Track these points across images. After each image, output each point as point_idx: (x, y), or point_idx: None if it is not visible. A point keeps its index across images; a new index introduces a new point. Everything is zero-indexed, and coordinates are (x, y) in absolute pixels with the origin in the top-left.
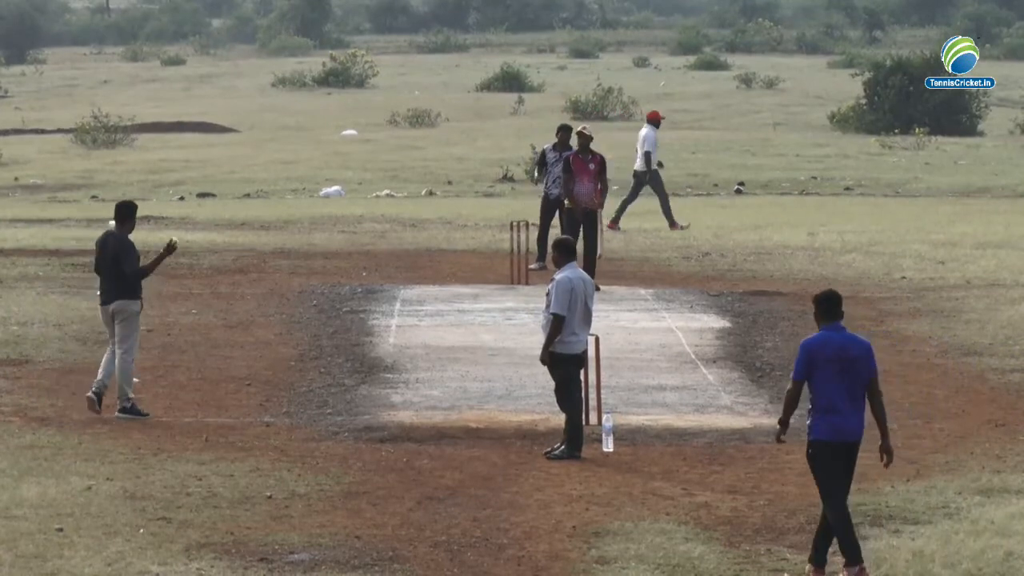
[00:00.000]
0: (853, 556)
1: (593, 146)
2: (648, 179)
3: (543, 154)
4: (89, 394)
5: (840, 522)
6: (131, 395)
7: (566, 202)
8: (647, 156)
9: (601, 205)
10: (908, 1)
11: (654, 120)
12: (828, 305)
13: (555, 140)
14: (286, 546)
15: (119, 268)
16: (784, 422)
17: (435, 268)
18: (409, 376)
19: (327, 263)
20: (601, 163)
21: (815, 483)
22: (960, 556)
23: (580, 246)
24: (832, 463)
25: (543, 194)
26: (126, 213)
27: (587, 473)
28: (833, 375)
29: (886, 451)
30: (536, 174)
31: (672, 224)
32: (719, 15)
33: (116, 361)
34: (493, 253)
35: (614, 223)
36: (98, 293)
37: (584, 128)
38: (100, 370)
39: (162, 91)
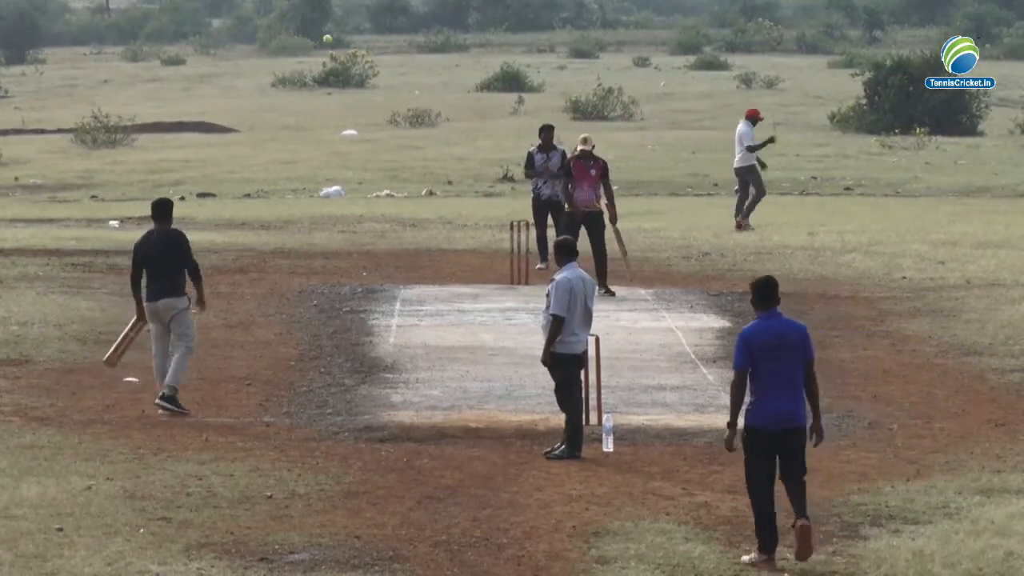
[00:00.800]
0: (768, 545)
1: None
2: (746, 172)
3: (530, 156)
4: (158, 401)
5: (759, 508)
6: (177, 388)
7: (566, 206)
8: (748, 151)
9: (614, 218)
10: (908, 1)
11: (752, 117)
12: (764, 292)
13: (539, 142)
14: (286, 546)
15: (175, 263)
16: (733, 423)
17: (435, 268)
18: (409, 376)
19: (327, 263)
20: (603, 168)
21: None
22: (960, 556)
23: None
24: (766, 449)
25: (533, 195)
26: (165, 210)
27: (587, 473)
28: (771, 362)
29: (817, 432)
30: (529, 172)
31: (740, 224)
32: (719, 15)
33: (175, 354)
34: (493, 253)
35: (743, 222)
36: (144, 290)
37: (586, 138)
38: (156, 374)
39: (162, 91)
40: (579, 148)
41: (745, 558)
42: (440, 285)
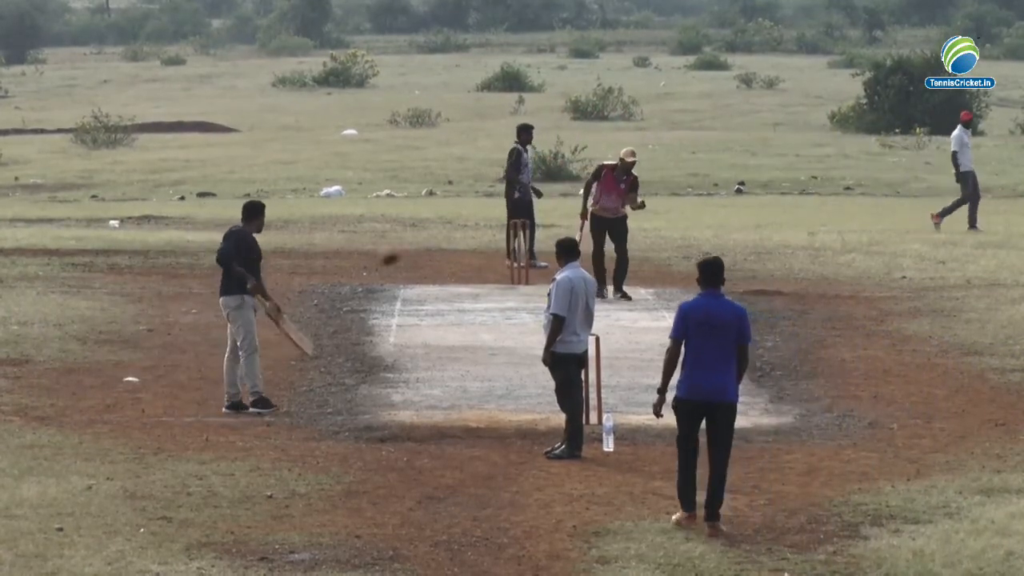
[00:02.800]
0: (687, 504)
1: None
2: (962, 177)
3: (519, 154)
4: (224, 409)
5: (683, 466)
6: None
7: (589, 207)
8: (953, 156)
9: (637, 203)
10: (908, 1)
11: (965, 121)
12: (708, 272)
13: (521, 139)
14: (286, 545)
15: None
16: (662, 390)
17: (435, 268)
18: (409, 376)
19: (327, 263)
20: (633, 183)
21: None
22: (960, 556)
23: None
24: (692, 419)
25: (518, 194)
26: (251, 211)
27: (587, 472)
28: (703, 337)
29: (739, 380)
30: (513, 173)
31: (955, 220)
32: (719, 15)
33: (241, 363)
34: (493, 253)
35: (972, 224)
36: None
37: (633, 152)
38: (225, 378)
39: (162, 91)
40: (622, 159)
41: (673, 518)
42: (440, 285)
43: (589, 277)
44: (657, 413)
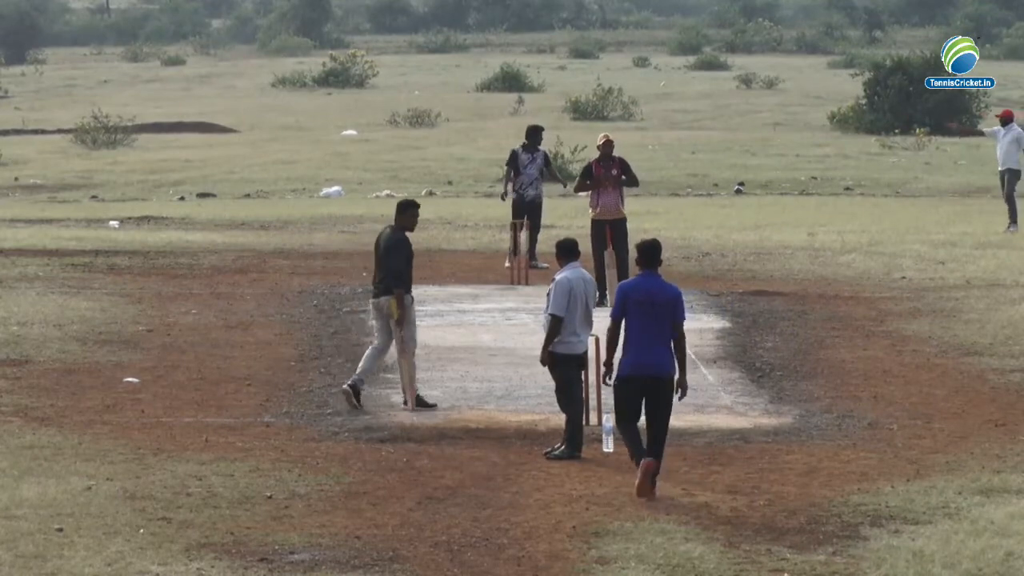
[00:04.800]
0: (638, 450)
1: (594, 148)
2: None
3: (514, 154)
4: (345, 386)
5: (627, 436)
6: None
7: (591, 212)
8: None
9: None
10: (908, 1)
11: (1006, 117)
12: (646, 254)
13: (524, 141)
14: (286, 546)
15: (388, 262)
16: (608, 363)
17: (435, 268)
18: None
19: (327, 263)
20: (622, 165)
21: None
22: (960, 556)
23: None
24: (632, 396)
25: (515, 195)
26: (402, 209)
27: (587, 473)
28: (640, 316)
29: (681, 385)
30: (509, 176)
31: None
32: (719, 15)
33: (401, 364)
34: (493, 253)
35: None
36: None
37: (607, 136)
38: (360, 364)
39: (162, 91)
40: (599, 148)
41: (637, 483)
42: (440, 285)
43: (589, 277)
44: (604, 381)
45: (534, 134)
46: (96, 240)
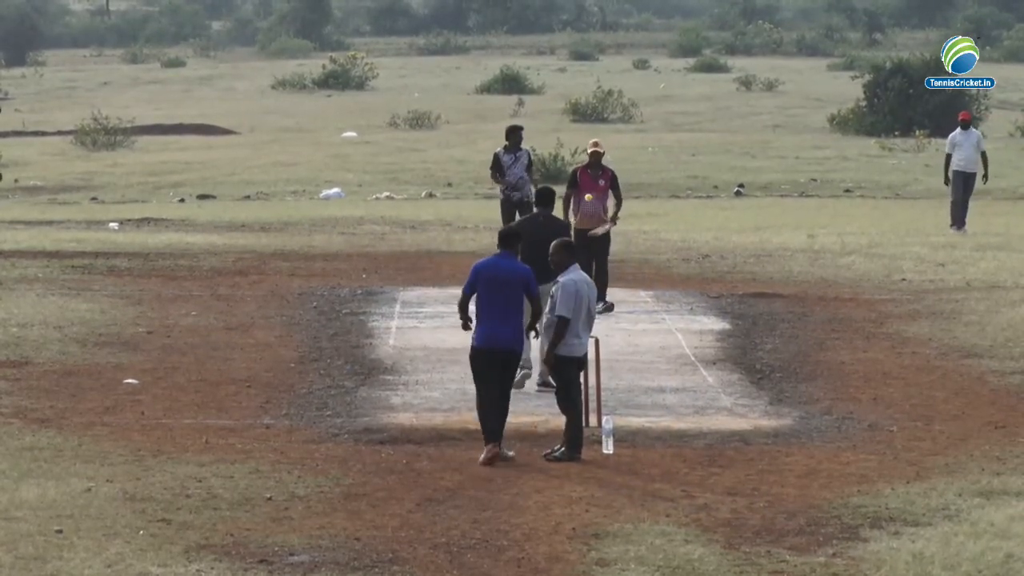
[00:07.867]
0: (491, 436)
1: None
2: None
3: (496, 157)
4: (538, 384)
5: (484, 409)
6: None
7: (571, 220)
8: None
9: (615, 220)
10: (908, 3)
11: (965, 121)
12: (504, 238)
13: (505, 143)
14: (286, 548)
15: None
16: (465, 327)
17: (435, 270)
18: (409, 378)
19: (327, 265)
20: (612, 179)
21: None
22: (960, 558)
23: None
24: (486, 367)
25: (503, 197)
26: (544, 198)
27: (587, 475)
28: (490, 293)
29: (533, 329)
30: (496, 178)
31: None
32: (719, 17)
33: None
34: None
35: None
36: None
37: (597, 143)
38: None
39: (162, 93)
40: (590, 151)
41: (481, 458)
42: (440, 287)
43: (590, 280)
44: (464, 328)
45: (513, 134)
46: (96, 242)
